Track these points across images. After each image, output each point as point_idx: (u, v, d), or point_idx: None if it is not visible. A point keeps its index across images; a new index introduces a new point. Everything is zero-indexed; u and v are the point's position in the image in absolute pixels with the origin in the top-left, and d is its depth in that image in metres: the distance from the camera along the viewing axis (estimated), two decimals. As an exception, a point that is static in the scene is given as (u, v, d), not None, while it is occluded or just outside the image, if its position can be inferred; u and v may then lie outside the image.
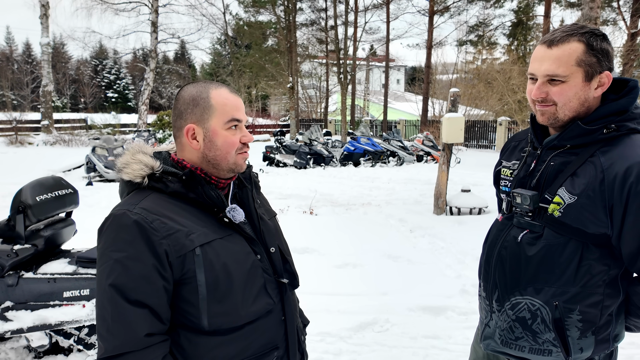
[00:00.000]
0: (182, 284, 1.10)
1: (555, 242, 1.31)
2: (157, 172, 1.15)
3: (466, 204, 7.08)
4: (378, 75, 45.18)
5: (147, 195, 1.14)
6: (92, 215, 6.69)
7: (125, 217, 1.07)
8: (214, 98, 1.18)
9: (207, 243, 1.12)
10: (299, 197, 8.49)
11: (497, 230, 1.48)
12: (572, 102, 1.29)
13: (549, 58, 1.29)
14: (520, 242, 1.37)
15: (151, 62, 20.25)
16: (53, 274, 2.70)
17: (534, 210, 1.35)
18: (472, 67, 24.68)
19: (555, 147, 1.36)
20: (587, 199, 1.24)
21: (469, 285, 4.17)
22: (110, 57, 57.87)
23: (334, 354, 3.01)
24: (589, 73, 1.27)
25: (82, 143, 18.25)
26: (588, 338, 1.31)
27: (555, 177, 1.32)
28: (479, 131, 20.86)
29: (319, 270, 4.51)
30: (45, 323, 2.61)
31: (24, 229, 2.69)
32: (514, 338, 1.40)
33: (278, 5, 21.70)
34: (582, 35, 1.27)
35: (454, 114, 7.04)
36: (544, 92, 1.31)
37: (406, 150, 14.95)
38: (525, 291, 1.36)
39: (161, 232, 1.07)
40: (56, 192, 2.85)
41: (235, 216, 1.18)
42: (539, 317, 1.34)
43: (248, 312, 1.16)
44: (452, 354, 3.00)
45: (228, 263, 1.13)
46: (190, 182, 1.15)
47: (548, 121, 1.35)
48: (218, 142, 1.18)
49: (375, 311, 3.60)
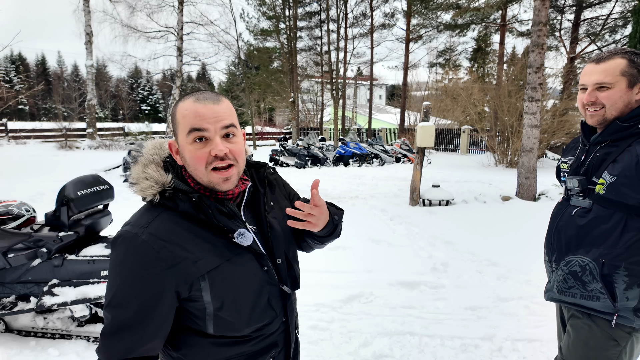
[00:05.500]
0: (189, 301, 0.94)
1: (602, 214, 1.35)
2: (168, 191, 0.94)
3: (436, 197, 7.05)
4: (364, 91, 45.04)
5: (158, 214, 0.93)
6: (128, 207, 6.63)
7: (134, 241, 0.89)
8: (179, 111, 0.94)
9: (214, 269, 0.92)
10: (299, 191, 8.42)
11: (556, 210, 1.53)
12: (618, 104, 1.35)
13: (597, 71, 1.36)
14: (573, 215, 1.43)
15: (177, 80, 20.06)
16: (92, 256, 2.65)
17: (584, 191, 1.40)
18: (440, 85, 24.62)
19: (599, 142, 1.41)
20: (625, 178, 1.29)
21: (439, 264, 4.14)
22: (144, 77, 57.45)
23: (327, 321, 2.98)
24: (631, 81, 1.33)
25: (120, 147, 18.08)
26: (634, 290, 1.32)
27: (600, 164, 1.38)
28: (446, 137, 20.83)
29: (315, 252, 4.46)
30: (86, 297, 2.56)
31: (68, 219, 2.64)
32: (567, 287, 1.44)
33: (282, 34, 21.59)
34: (624, 53, 1.34)
35: (426, 123, 7.00)
36: (593, 96, 1.37)
37: (387, 153, 14.92)
38: (577, 252, 1.40)
39: (167, 261, 0.89)
40: (95, 187, 2.79)
41: (243, 242, 0.96)
42: (588, 270, 1.37)
43: (252, 325, 1.00)
44: (425, 321, 2.97)
45: (235, 286, 0.96)
46: (200, 204, 0.93)
47: (597, 122, 1.40)
48: (186, 157, 0.94)
49: (362, 285, 3.57)
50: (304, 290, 1.53)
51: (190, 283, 0.91)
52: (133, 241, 0.90)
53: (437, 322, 2.96)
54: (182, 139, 0.94)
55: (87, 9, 18.34)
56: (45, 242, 2.61)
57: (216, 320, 0.95)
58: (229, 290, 0.94)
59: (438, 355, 2.57)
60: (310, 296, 3.24)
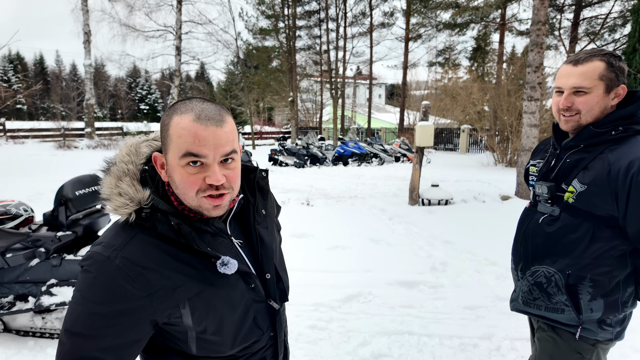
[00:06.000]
0: (169, 324, 0.85)
1: (570, 223, 1.31)
2: (144, 211, 0.83)
3: (435, 197, 7.05)
4: (363, 90, 45.05)
5: (134, 234, 0.83)
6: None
7: (106, 265, 0.79)
8: (173, 127, 0.81)
9: (195, 295, 0.84)
10: (298, 191, 8.44)
11: (524, 215, 1.48)
12: (594, 110, 1.29)
13: (575, 74, 1.29)
14: (540, 223, 1.38)
15: (176, 80, 20.03)
16: (91, 256, 2.65)
17: (552, 198, 1.36)
18: (440, 84, 24.63)
19: (571, 147, 1.36)
20: (596, 187, 1.24)
21: (438, 263, 4.14)
22: (142, 76, 57.39)
23: (326, 320, 2.98)
24: (608, 86, 1.28)
25: (119, 147, 18.07)
26: (598, 301, 1.29)
27: (570, 171, 1.32)
28: (446, 137, 20.84)
29: (314, 252, 4.47)
30: (84, 297, 2.55)
31: (66, 219, 2.64)
32: (532, 299, 1.41)
33: (280, 33, 21.54)
34: (603, 55, 1.27)
35: (425, 122, 7.00)
36: (570, 101, 1.31)
37: (386, 152, 14.91)
38: (543, 262, 1.36)
39: (144, 290, 0.79)
40: (93, 187, 2.79)
41: (227, 271, 0.86)
42: (553, 282, 1.34)
43: (238, 346, 0.92)
44: (424, 321, 2.98)
45: (219, 311, 0.87)
46: (179, 230, 0.83)
47: (572, 128, 1.34)
48: (175, 179, 0.83)
49: (360, 285, 3.57)
50: (302, 289, 1.53)
51: (168, 312, 0.82)
52: (105, 266, 0.79)
53: (436, 322, 2.96)
54: (173, 158, 0.82)
55: (85, 8, 18.30)
56: (44, 242, 2.61)
57: (199, 343, 0.88)
58: (212, 316, 0.86)
59: (437, 354, 2.57)
60: (309, 296, 3.24)
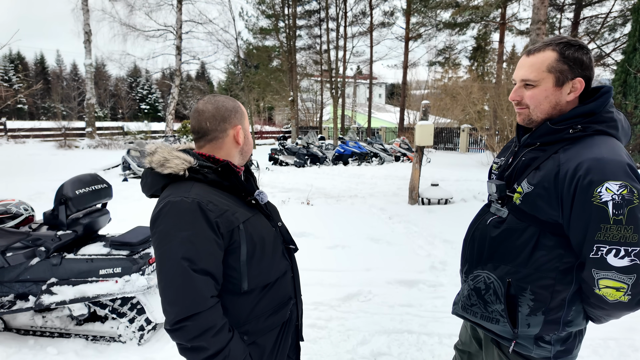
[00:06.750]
0: (228, 253, 1.12)
1: (515, 227, 1.22)
2: (195, 166, 1.15)
3: (435, 196, 7.05)
4: (363, 90, 45.04)
5: (192, 185, 1.13)
6: (127, 206, 6.63)
7: (184, 203, 1.07)
8: (241, 107, 1.27)
9: (246, 220, 1.16)
10: (298, 190, 8.45)
11: (477, 215, 1.41)
12: (543, 105, 1.20)
13: (525, 65, 1.21)
14: (488, 224, 1.30)
15: (176, 79, 20.03)
16: (91, 255, 2.66)
17: (502, 198, 1.28)
18: (440, 84, 24.61)
19: (528, 144, 1.27)
20: (542, 189, 1.14)
21: (437, 262, 4.15)
22: (143, 76, 57.42)
23: (326, 319, 2.98)
24: (559, 79, 1.17)
25: (119, 146, 18.07)
26: (537, 317, 1.19)
27: (524, 170, 1.24)
28: (446, 136, 20.84)
29: (314, 251, 4.47)
30: (84, 296, 2.57)
31: (66, 218, 2.65)
32: (469, 304, 1.34)
33: (281, 32, 21.52)
34: (557, 45, 1.18)
35: (425, 122, 7.01)
36: (519, 95, 1.24)
37: (386, 152, 14.90)
38: (485, 266, 1.29)
39: (215, 212, 1.09)
40: (93, 186, 2.80)
41: (263, 198, 1.25)
42: (492, 289, 1.27)
43: (275, 271, 1.24)
44: (423, 319, 2.98)
45: (262, 235, 1.19)
46: (224, 172, 1.17)
47: (524, 122, 1.27)
48: (249, 138, 1.30)
49: (360, 284, 3.58)
50: (302, 288, 1.55)
51: (231, 230, 1.11)
52: (183, 203, 1.07)
53: (435, 321, 2.97)
54: (246, 126, 1.28)
55: (85, 8, 18.30)
56: (44, 240, 2.61)
57: (249, 270, 1.15)
58: (258, 238, 1.18)
59: (436, 353, 2.58)
60: (308, 295, 3.25)
